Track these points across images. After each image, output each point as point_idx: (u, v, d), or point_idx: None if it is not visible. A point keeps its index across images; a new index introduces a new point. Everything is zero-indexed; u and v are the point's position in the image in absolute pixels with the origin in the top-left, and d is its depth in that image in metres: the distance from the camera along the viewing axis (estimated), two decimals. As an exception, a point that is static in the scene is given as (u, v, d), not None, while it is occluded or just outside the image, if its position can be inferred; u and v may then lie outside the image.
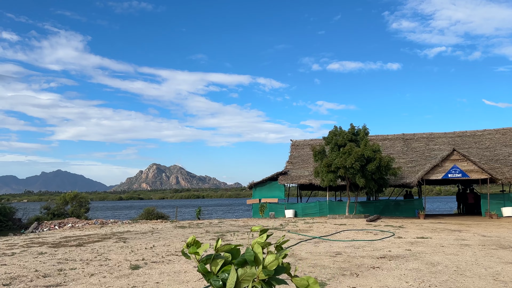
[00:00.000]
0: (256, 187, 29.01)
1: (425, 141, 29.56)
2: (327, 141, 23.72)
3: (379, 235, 14.36)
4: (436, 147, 28.55)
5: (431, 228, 16.83)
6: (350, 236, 13.97)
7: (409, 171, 26.61)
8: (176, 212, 31.63)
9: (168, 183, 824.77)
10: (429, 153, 28.02)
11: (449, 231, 15.48)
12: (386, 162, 21.89)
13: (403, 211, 26.06)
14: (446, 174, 24.01)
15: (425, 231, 15.72)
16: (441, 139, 29.41)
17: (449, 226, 18.19)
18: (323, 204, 27.28)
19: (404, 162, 27.75)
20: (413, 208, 25.83)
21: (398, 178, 25.98)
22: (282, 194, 28.31)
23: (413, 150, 28.90)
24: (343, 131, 23.41)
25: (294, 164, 30.29)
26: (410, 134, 30.62)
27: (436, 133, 30.15)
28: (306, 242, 12.55)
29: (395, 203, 26.68)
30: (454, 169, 23.95)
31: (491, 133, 29.06)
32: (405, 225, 18.47)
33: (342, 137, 22.85)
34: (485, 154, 26.99)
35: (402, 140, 30.14)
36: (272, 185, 28.55)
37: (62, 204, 33.16)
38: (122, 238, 14.83)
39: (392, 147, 29.67)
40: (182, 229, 18.27)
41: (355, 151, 21.17)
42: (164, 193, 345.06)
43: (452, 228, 17.09)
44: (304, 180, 27.50)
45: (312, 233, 15.47)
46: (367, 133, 23.42)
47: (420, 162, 27.25)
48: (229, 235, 14.68)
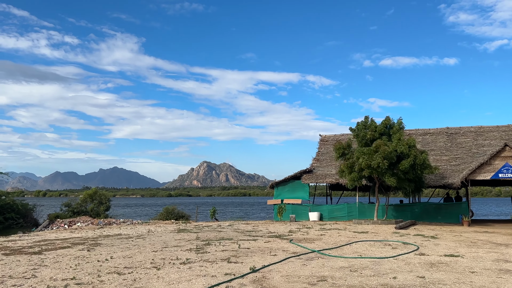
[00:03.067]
0: (278, 186, 26.48)
1: (473, 136, 25.67)
2: (355, 133, 20.75)
3: (399, 249, 11.48)
4: (486, 143, 24.64)
5: (470, 240, 13.62)
6: (359, 250, 11.21)
7: (453, 170, 23.02)
8: (197, 212, 29.79)
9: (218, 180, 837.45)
10: (477, 150, 24.19)
11: (493, 246, 12.27)
12: (422, 160, 18.66)
13: (445, 216, 22.52)
14: (496, 174, 20.31)
15: (461, 244, 12.59)
16: (492, 133, 25.40)
17: (496, 237, 14.81)
18: (352, 206, 24.27)
19: (447, 160, 24.15)
20: (457, 213, 22.24)
21: (439, 178, 22.51)
22: (307, 194, 25.56)
23: (459, 146, 25.14)
24: (374, 123, 20.37)
25: (321, 161, 27.45)
26: (455, 127, 26.79)
27: (486, 126, 26.13)
28: (297, 258, 9.99)
29: (436, 206, 23.17)
30: (507, 168, 20.20)
31: (554, 126, 24.71)
32: (440, 235, 15.30)
33: (372, 131, 19.81)
34: (546, 151, 22.81)
35: (446, 135, 26.40)
36: (296, 184, 25.89)
37: (84, 201, 32.30)
38: (95, 244, 12.96)
39: (434, 143, 26.05)
40: (176, 233, 16.20)
41: (382, 149, 18.11)
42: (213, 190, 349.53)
43: (498, 240, 13.77)
44: (331, 179, 24.64)
45: (320, 243, 12.84)
46: (402, 127, 20.21)
47: (466, 160, 23.53)
48: (214, 245, 12.38)
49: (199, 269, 8.56)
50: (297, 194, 25.85)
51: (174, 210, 30.85)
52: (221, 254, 10.42)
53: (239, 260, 9.60)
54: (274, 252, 10.79)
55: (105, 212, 32.24)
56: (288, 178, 26.25)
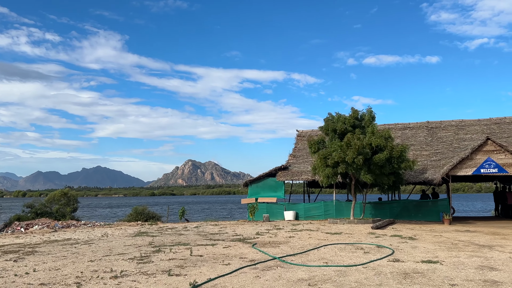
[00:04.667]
0: (252, 184, 25.09)
1: (454, 130, 24.66)
2: (323, 130, 19.48)
3: (371, 253, 10.20)
4: (467, 137, 23.65)
5: (451, 242, 12.43)
6: (327, 256, 9.88)
7: (433, 165, 21.94)
8: (168, 212, 28.23)
9: (203, 179, 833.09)
10: (458, 144, 23.18)
11: (475, 248, 11.09)
12: (399, 152, 17.48)
13: (425, 214, 21.41)
14: (478, 169, 19.28)
15: (440, 246, 11.38)
16: (474, 127, 24.44)
17: (478, 237, 13.68)
18: (329, 204, 23.02)
19: (427, 155, 23.08)
20: (438, 210, 21.14)
21: (418, 174, 21.40)
22: (282, 192, 24.22)
23: (439, 141, 24.10)
24: (342, 116, 19.08)
25: (297, 157, 26.17)
26: (436, 122, 25.75)
27: (467, 120, 25.16)
28: (252, 267, 8.61)
29: (416, 204, 22.05)
30: (489, 163, 19.18)
31: (537, 119, 23.85)
32: (419, 235, 14.11)
33: (342, 122, 18.55)
34: (529, 145, 21.91)
35: (427, 129, 25.34)
36: (271, 182, 24.54)
37: (49, 202, 30.47)
38: (30, 252, 11.37)
39: (414, 137, 24.97)
40: (132, 237, 14.68)
41: (354, 142, 16.87)
42: (197, 189, 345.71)
43: (481, 241, 12.62)
44: (307, 176, 23.34)
45: (286, 247, 11.49)
46: (373, 117, 18.99)
47: (447, 155, 22.49)
48: (163, 253, 10.91)
49: (129, 285, 7.12)
50: (272, 192, 24.51)
51: (144, 211, 29.22)
52: (165, 264, 8.98)
53: (183, 271, 8.19)
54: (229, 260, 9.39)
55: (71, 213, 30.49)
56: (262, 176, 24.89)
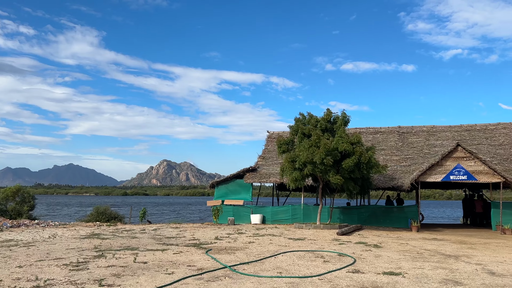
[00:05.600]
0: (219, 185, 24.20)
1: (425, 136, 24.41)
2: (293, 130, 18.82)
3: (331, 263, 9.48)
4: (438, 143, 23.41)
5: (416, 251, 11.87)
6: (283, 265, 9.11)
7: (403, 171, 21.56)
8: (130, 213, 27.00)
9: (178, 179, 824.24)
10: (429, 150, 22.90)
11: (441, 258, 10.53)
12: (368, 158, 16.94)
13: (394, 220, 20.98)
14: (447, 176, 18.93)
15: (405, 256, 10.78)
16: (445, 133, 24.24)
17: (445, 246, 13.19)
18: (297, 208, 22.34)
19: (397, 160, 22.70)
20: (406, 216, 20.74)
21: (388, 179, 20.98)
22: (249, 195, 23.40)
23: (410, 146, 23.78)
24: (314, 118, 18.46)
25: (267, 159, 25.43)
26: (407, 127, 25.47)
27: (438, 126, 24.96)
28: (197, 278, 7.75)
29: (384, 210, 21.62)
30: (458, 170, 18.86)
31: (506, 127, 23.84)
32: (384, 243, 13.53)
33: (313, 125, 17.92)
34: (498, 153, 21.83)
35: (398, 134, 25.01)
36: (238, 184, 23.70)
37: (3, 199, 28.75)
38: (-44, 255, 10.21)
39: (385, 142, 24.60)
40: (81, 239, 13.58)
41: (324, 142, 16.26)
42: (171, 189, 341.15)
43: (447, 251, 12.10)
44: (276, 178, 22.61)
45: (241, 254, 10.66)
46: (346, 122, 18.44)
47: (417, 160, 22.16)
48: (105, 258, 9.93)
49: (47, 297, 6.16)
50: (239, 194, 23.67)
51: (107, 211, 27.92)
52: (100, 272, 8.02)
53: (118, 281, 7.26)
54: (175, 269, 8.50)
55: (28, 212, 28.87)
56: (230, 177, 24.03)
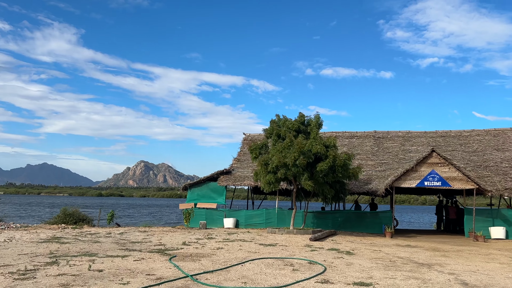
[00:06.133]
0: (192, 188, 23.57)
1: (401, 141, 24.37)
2: (268, 133, 18.39)
3: (300, 271, 9.03)
4: (413, 148, 23.37)
5: (389, 258, 11.54)
6: (249, 274, 8.61)
7: (378, 176, 21.39)
8: (99, 216, 26.05)
9: (155, 181, 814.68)
10: (404, 155, 22.82)
11: (414, 267, 10.21)
12: (343, 161, 16.62)
13: (368, 225, 20.78)
14: (421, 182, 18.81)
15: (377, 264, 10.42)
16: (420, 139, 24.24)
17: (418, 253, 12.93)
18: (271, 212, 21.90)
19: (372, 165, 22.53)
20: (381, 222, 20.55)
21: (362, 184, 20.76)
22: (223, 198, 22.85)
23: (385, 151, 23.67)
24: (288, 120, 18.08)
25: (242, 162, 24.92)
26: (383, 131, 25.40)
27: (414, 131, 24.99)
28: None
29: (359, 215, 21.40)
30: (433, 176, 18.76)
31: (480, 134, 24.00)
32: (357, 250, 13.18)
33: (286, 127, 17.52)
34: (472, 159, 21.90)
35: (373, 139, 24.89)
36: (212, 186, 23.12)
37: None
38: None
39: (361, 146, 24.44)
40: (39, 243, 12.77)
41: (297, 142, 15.89)
42: (147, 191, 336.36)
43: (420, 258, 11.82)
44: (250, 181, 22.13)
45: (207, 261, 10.10)
46: (320, 124, 18.11)
47: (393, 166, 22.04)
48: (57, 265, 9.23)
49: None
50: (212, 197, 23.09)
51: (75, 213, 26.85)
52: (48, 282, 7.35)
53: (65, 292, 6.62)
54: (131, 278, 7.89)
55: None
56: (203, 180, 23.43)
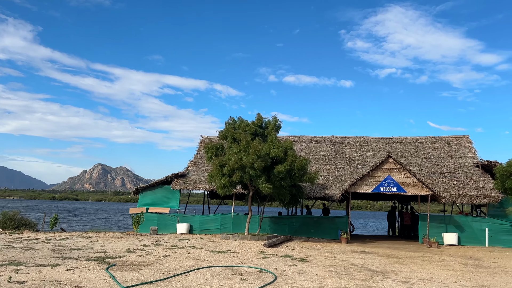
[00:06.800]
0: (144, 192, 22.49)
1: (358, 146, 24.36)
2: (222, 134, 17.72)
3: (249, 281, 8.39)
4: (369, 154, 23.39)
5: (343, 266, 11.12)
6: (192, 285, 7.88)
7: (335, 181, 21.18)
8: (44, 220, 24.39)
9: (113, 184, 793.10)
10: (361, 160, 22.78)
11: (367, 275, 9.82)
12: (301, 165, 16.20)
13: (325, 231, 20.50)
14: (377, 187, 18.70)
15: (331, 272, 9.96)
16: (377, 145, 24.33)
17: (373, 260, 12.62)
18: (226, 217, 21.22)
19: (329, 170, 22.33)
20: (337, 227, 20.32)
21: (319, 189, 20.46)
22: (177, 202, 21.92)
23: (343, 156, 23.57)
24: (245, 122, 17.50)
25: (198, 165, 24.09)
26: (340, 137, 25.35)
27: (371, 137, 25.07)
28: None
29: (316, 220, 21.08)
30: (388, 181, 18.69)
31: (435, 141, 24.37)
32: (312, 256, 12.72)
33: (243, 130, 16.94)
34: (427, 165, 22.12)
35: (331, 144, 24.77)
36: (165, 190, 22.14)
37: None
38: None
39: (318, 151, 24.23)
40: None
41: (253, 145, 15.34)
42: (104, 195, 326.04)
43: (375, 266, 11.49)
44: (205, 185, 21.34)
45: (149, 271, 9.27)
46: (278, 127, 17.65)
47: (349, 171, 21.91)
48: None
49: None
50: (165, 201, 22.11)
51: (16, 216, 25.05)
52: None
53: (-32, 310, 5.66)
54: (56, 290, 6.99)
55: None
56: (156, 183, 22.41)
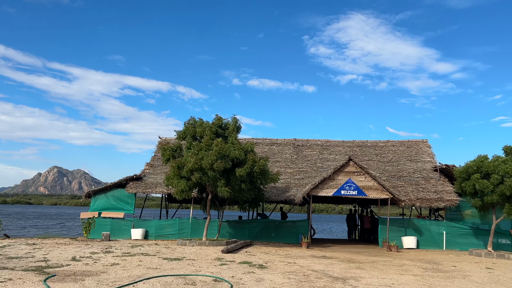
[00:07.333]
0: (97, 195, 21.30)
1: (319, 149, 24.20)
2: (180, 135, 16.95)
3: (203, 291, 7.76)
4: (331, 157, 23.26)
5: (303, 272, 10.67)
6: (139, 296, 7.16)
7: (296, 184, 20.85)
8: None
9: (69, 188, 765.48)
10: (322, 164, 22.60)
11: (328, 282, 9.40)
12: (262, 166, 15.69)
13: (285, 235, 20.09)
14: (338, 190, 18.49)
15: (290, 280, 9.47)
16: (338, 148, 24.27)
17: (333, 266, 12.26)
18: (185, 222, 20.39)
19: (291, 173, 22.00)
20: (298, 232, 19.96)
21: (280, 192, 20.07)
22: (132, 206, 20.88)
23: (304, 159, 23.31)
24: (205, 123, 16.83)
25: (155, 167, 23.12)
26: (302, 139, 25.13)
27: (332, 140, 25.00)
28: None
29: (277, 224, 20.65)
30: (349, 185, 18.53)
31: (395, 145, 24.58)
32: (271, 262, 12.21)
33: (202, 129, 16.26)
34: (387, 169, 22.21)
35: (293, 147, 24.49)
36: (119, 193, 21.04)
37: None
38: None
39: (280, 154, 23.88)
40: None
41: (216, 143, 14.75)
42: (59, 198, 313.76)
43: (335, 272, 11.12)
44: (162, 189, 20.45)
45: (94, 281, 8.44)
46: (238, 128, 17.08)
47: (311, 174, 21.66)
48: None
49: None
50: (119, 205, 21.00)
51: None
52: None
53: None
54: (-22, 307, 6.09)
55: None
56: (110, 186, 21.28)
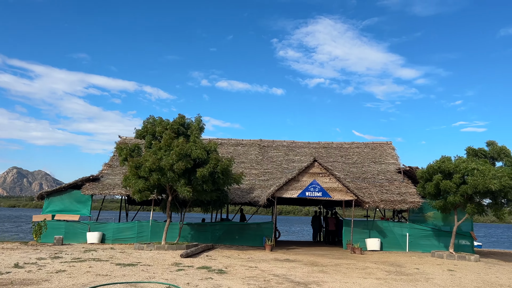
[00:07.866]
0: (50, 197, 20.12)
1: (285, 150, 23.86)
2: (139, 133, 16.18)
3: (153, 300, 7.12)
4: (296, 158, 22.95)
5: (264, 278, 10.19)
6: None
7: (261, 186, 20.40)
8: None
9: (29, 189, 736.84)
10: (288, 165, 22.25)
11: (290, 286, 8.95)
12: (225, 166, 15.13)
13: (249, 237, 19.57)
14: (303, 192, 18.14)
15: (248, 286, 8.96)
16: (303, 149, 24.00)
17: (296, 270, 11.84)
18: (144, 225, 19.52)
19: (256, 174, 21.53)
20: (262, 234, 19.49)
21: (245, 193, 19.56)
22: (88, 208, 19.83)
23: (270, 160, 22.90)
24: (165, 121, 16.11)
25: (114, 168, 22.12)
26: (268, 140, 24.73)
27: (298, 141, 24.73)
28: None
29: (240, 227, 20.10)
30: (314, 186, 18.22)
31: (359, 146, 24.56)
32: (231, 267, 11.66)
33: (163, 128, 15.54)
34: (351, 171, 22.09)
35: (259, 147, 24.05)
36: (74, 195, 19.96)
37: None
38: None
39: (246, 155, 23.37)
40: None
41: (177, 143, 14.10)
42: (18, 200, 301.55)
43: (297, 276, 10.69)
44: (120, 190, 19.52)
45: (34, 290, 7.64)
46: (202, 127, 16.46)
47: (276, 175, 21.26)
48: None
49: None
50: (75, 207, 19.91)
51: None
52: None
53: None
54: None
55: None
56: (65, 187, 20.17)
